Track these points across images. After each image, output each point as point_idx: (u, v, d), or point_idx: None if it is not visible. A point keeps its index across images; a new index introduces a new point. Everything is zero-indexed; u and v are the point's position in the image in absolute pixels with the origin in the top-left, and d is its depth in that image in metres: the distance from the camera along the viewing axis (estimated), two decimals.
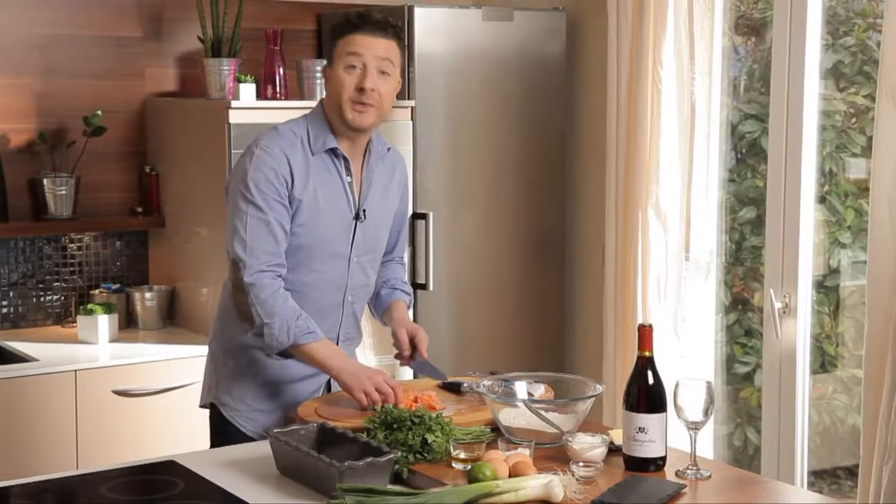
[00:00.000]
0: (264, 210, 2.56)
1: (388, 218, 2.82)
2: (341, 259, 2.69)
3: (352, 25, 2.62)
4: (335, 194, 2.66)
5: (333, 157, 2.67)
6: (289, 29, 4.22)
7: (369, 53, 2.60)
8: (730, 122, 4.02)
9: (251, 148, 2.63)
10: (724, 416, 4.08)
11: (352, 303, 2.75)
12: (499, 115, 4.13)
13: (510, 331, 4.20)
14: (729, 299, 4.06)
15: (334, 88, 2.63)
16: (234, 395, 2.73)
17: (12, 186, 3.81)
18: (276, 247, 2.58)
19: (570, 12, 4.29)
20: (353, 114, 2.61)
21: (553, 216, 4.29)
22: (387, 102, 2.65)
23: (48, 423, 3.38)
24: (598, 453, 2.24)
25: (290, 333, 2.55)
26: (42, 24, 3.87)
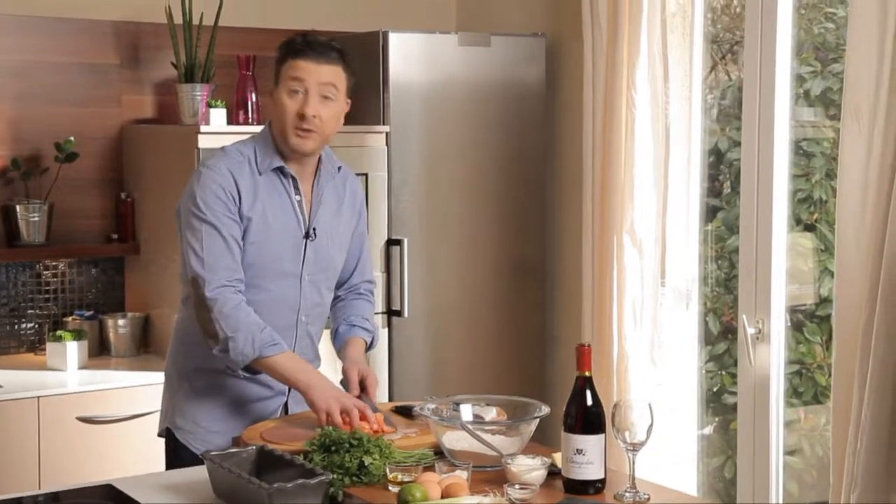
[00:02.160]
0: (217, 226, 2.57)
1: (342, 237, 2.80)
2: (293, 278, 2.68)
3: (296, 50, 2.64)
4: (284, 213, 2.66)
5: (281, 176, 2.67)
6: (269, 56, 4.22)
7: (311, 79, 2.60)
8: (718, 149, 3.98)
9: (198, 168, 2.66)
10: (713, 448, 4.01)
11: (306, 323, 2.73)
12: (476, 141, 4.11)
13: (489, 357, 4.16)
14: (718, 328, 4.00)
15: (278, 112, 2.64)
16: (188, 417, 2.71)
17: None
18: (233, 262, 2.58)
19: (549, 38, 4.28)
20: (296, 139, 2.62)
21: (533, 241, 4.26)
22: (328, 127, 2.65)
23: (11, 449, 3.37)
24: (537, 476, 2.20)
25: (254, 346, 2.53)
26: (18, 50, 3.89)
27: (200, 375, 2.70)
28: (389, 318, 3.95)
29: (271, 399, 2.73)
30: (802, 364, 3.71)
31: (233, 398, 2.70)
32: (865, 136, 2.99)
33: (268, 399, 2.72)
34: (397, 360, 3.97)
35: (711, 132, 3.95)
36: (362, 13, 4.40)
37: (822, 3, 3.71)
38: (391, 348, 3.96)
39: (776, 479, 3.49)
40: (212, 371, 2.68)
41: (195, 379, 2.71)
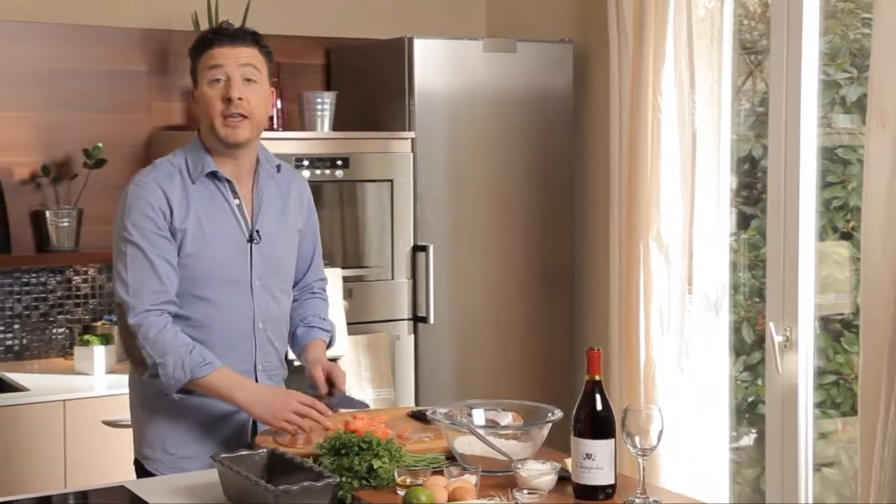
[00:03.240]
0: (144, 248, 2.49)
1: (289, 238, 2.71)
2: (242, 285, 2.58)
3: (209, 41, 2.56)
4: (222, 219, 2.57)
5: (216, 182, 2.58)
6: (299, 63, 4.26)
7: (230, 63, 2.53)
8: (752, 157, 3.93)
9: (127, 186, 2.57)
10: (749, 459, 3.96)
11: (264, 330, 2.63)
12: (502, 148, 4.10)
13: (516, 363, 4.14)
14: (752, 337, 3.95)
15: (203, 108, 2.56)
16: (155, 446, 2.61)
17: (15, 219, 3.85)
18: (160, 285, 2.49)
19: (577, 44, 4.26)
20: (226, 129, 2.53)
21: (560, 248, 4.24)
22: (259, 111, 2.56)
23: (38, 450, 3.39)
24: (547, 481, 2.18)
25: (185, 368, 2.45)
26: (49, 58, 3.93)
27: (162, 400, 2.57)
28: (415, 324, 3.94)
29: (238, 415, 2.60)
30: (840, 374, 3.64)
31: (199, 420, 2.58)
32: (891, 141, 2.94)
33: (234, 414, 2.59)
34: (423, 366, 3.97)
35: (745, 139, 3.90)
36: (390, 20, 4.41)
37: (858, 9, 3.66)
38: (417, 354, 3.96)
39: (805, 490, 3.43)
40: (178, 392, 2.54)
41: (156, 403, 2.59)
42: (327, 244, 3.83)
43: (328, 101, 3.94)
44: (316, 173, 3.75)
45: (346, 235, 3.92)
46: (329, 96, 3.95)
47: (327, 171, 3.77)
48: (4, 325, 3.90)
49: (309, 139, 3.80)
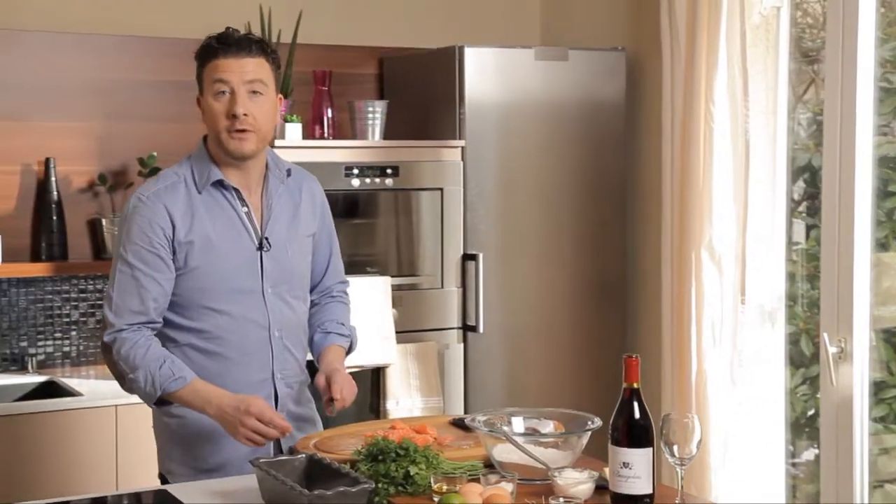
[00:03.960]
0: (134, 266, 2.48)
1: (302, 243, 2.66)
2: (254, 294, 2.56)
3: (213, 50, 2.51)
4: (230, 228, 2.55)
5: (223, 190, 2.55)
6: (351, 73, 4.29)
7: (235, 77, 2.48)
8: (812, 166, 3.87)
9: (130, 199, 2.57)
10: (810, 474, 3.89)
11: (280, 338, 2.59)
12: (554, 156, 4.08)
13: (567, 373, 4.11)
14: (811, 350, 3.87)
15: (209, 119, 2.53)
16: (178, 460, 2.60)
17: (73, 227, 3.92)
18: (141, 305, 2.48)
19: (630, 52, 4.23)
20: (233, 142, 2.49)
21: (613, 258, 4.21)
22: (265, 125, 2.52)
23: (91, 453, 3.44)
24: (583, 489, 2.15)
25: (155, 384, 2.44)
26: (106, 69, 3.99)
27: (186, 411, 2.55)
28: (465, 333, 3.94)
29: None
30: None
31: (221, 432, 2.52)
32: None
33: None
34: (473, 375, 3.96)
35: (805, 149, 3.84)
36: (444, 29, 4.42)
37: None
38: (466, 364, 3.95)
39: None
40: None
41: (181, 416, 2.58)
42: (376, 252, 3.87)
43: (379, 110, 3.96)
44: (366, 182, 3.77)
45: (396, 244, 3.93)
46: (380, 105, 3.97)
47: (377, 179, 3.78)
48: (62, 331, 3.97)
49: (359, 147, 3.82)
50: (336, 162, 3.72)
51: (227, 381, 2.54)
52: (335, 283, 2.82)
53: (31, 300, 3.92)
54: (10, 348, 3.90)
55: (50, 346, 3.95)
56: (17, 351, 3.91)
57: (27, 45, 3.88)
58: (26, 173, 3.90)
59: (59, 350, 3.96)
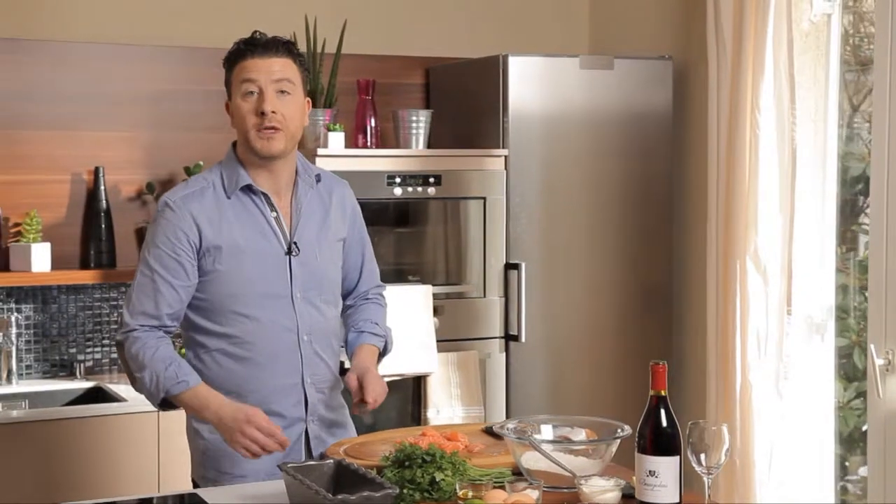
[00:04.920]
0: (154, 269, 2.50)
1: (332, 248, 2.66)
2: (282, 299, 2.55)
3: (241, 52, 2.54)
4: (258, 233, 2.55)
5: (252, 195, 2.56)
6: (396, 83, 4.30)
7: (263, 77, 2.50)
8: (867, 176, 3.80)
9: (159, 203, 2.60)
10: (864, 490, 3.81)
11: (309, 343, 2.59)
12: (598, 166, 4.05)
13: (611, 383, 4.07)
14: (864, 363, 3.80)
15: (237, 121, 2.55)
16: (210, 466, 2.61)
17: (121, 235, 3.97)
18: (155, 310, 2.49)
19: (677, 60, 4.20)
20: (261, 142, 2.50)
21: (658, 268, 4.17)
22: (292, 124, 2.53)
23: (133, 457, 3.49)
24: (610, 497, 2.13)
25: (159, 385, 2.45)
26: (155, 80, 4.05)
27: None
28: (507, 342, 3.92)
29: (289, 429, 2.57)
30: None
31: None
32: None
33: (286, 430, 2.54)
34: (515, 384, 3.94)
35: (860, 158, 3.78)
36: (491, 39, 4.42)
37: None
38: (508, 373, 3.93)
39: None
40: None
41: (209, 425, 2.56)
42: (419, 261, 3.87)
43: (423, 120, 3.96)
44: (408, 190, 3.77)
45: (439, 252, 3.93)
46: (424, 114, 3.98)
47: (420, 188, 3.79)
48: (109, 338, 4.02)
49: (402, 156, 3.83)
50: (378, 171, 3.73)
51: (258, 386, 2.56)
52: (370, 287, 2.81)
53: (80, 307, 3.98)
54: (59, 354, 3.96)
55: (98, 353, 4.01)
56: (66, 357, 3.97)
57: (77, 56, 3.95)
58: (76, 182, 3.96)
59: (106, 357, 4.02)
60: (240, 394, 2.55)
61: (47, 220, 3.89)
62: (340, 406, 2.73)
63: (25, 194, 3.88)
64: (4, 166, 3.85)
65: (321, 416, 2.64)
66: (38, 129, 3.91)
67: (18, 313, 3.88)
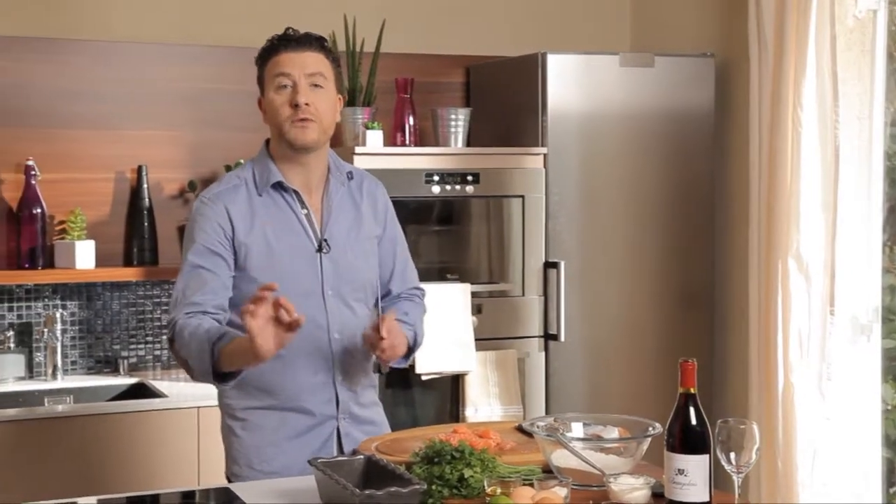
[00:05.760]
0: (194, 264, 2.51)
1: (364, 246, 2.65)
2: (313, 296, 2.55)
3: (274, 47, 2.56)
4: (289, 230, 2.56)
5: (283, 192, 2.58)
6: (436, 81, 4.30)
7: (296, 70, 2.52)
8: None
9: (194, 202, 2.63)
10: None
11: (340, 340, 2.58)
12: (638, 164, 4.03)
13: (651, 384, 4.04)
14: None
15: (271, 115, 2.56)
16: (242, 462, 2.61)
17: (164, 233, 4.01)
18: (200, 296, 2.47)
19: (719, 58, 4.16)
20: (295, 131, 2.51)
21: (700, 267, 4.13)
22: (326, 117, 2.54)
23: (174, 451, 3.52)
24: (638, 496, 2.11)
25: (207, 350, 2.37)
26: (198, 79, 4.09)
27: (249, 415, 2.60)
28: (546, 341, 3.90)
29: (321, 427, 2.60)
30: None
31: (282, 436, 2.58)
32: None
33: (317, 427, 2.59)
34: (554, 384, 3.92)
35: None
36: (533, 37, 4.41)
37: None
38: (548, 372, 3.91)
39: None
40: (259, 409, 2.59)
41: (244, 419, 2.61)
42: (457, 259, 3.87)
43: (462, 118, 3.96)
44: (446, 189, 3.77)
45: (477, 251, 3.93)
46: (463, 113, 3.97)
47: (458, 186, 3.79)
48: (153, 335, 4.06)
49: (439, 154, 3.82)
50: (417, 169, 3.74)
51: (288, 382, 2.56)
52: (405, 289, 2.78)
53: (124, 304, 4.02)
54: (103, 351, 4.01)
55: (141, 350, 4.05)
56: (110, 353, 4.02)
57: (120, 56, 4.00)
58: (120, 181, 4.01)
59: (150, 353, 4.06)
60: (271, 390, 2.57)
61: (91, 217, 3.95)
62: (374, 404, 2.73)
63: (70, 192, 3.93)
64: (50, 165, 3.90)
65: (353, 414, 2.64)
66: (83, 128, 3.96)
67: (63, 310, 3.94)
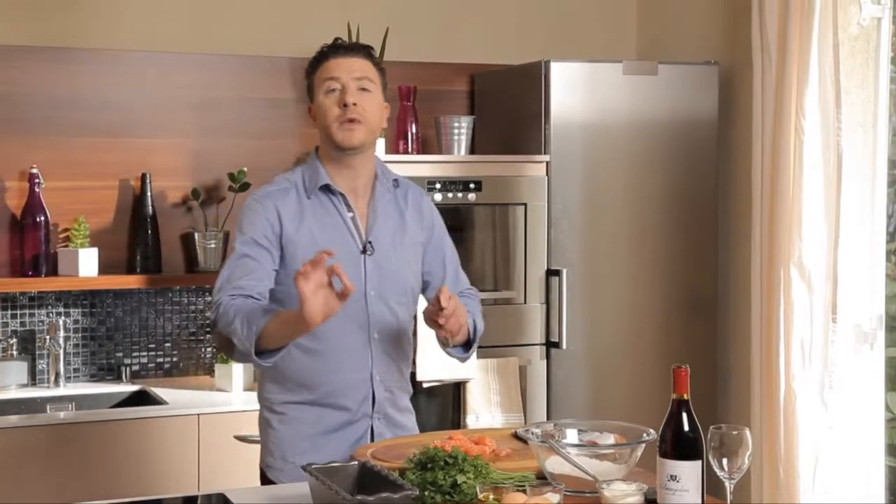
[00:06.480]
0: (240, 253, 2.58)
1: (407, 251, 2.72)
2: (356, 296, 2.56)
3: (324, 55, 2.67)
4: (335, 232, 2.64)
5: (330, 195, 2.66)
6: (440, 90, 4.31)
7: (345, 74, 2.62)
8: None
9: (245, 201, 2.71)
10: None
11: (379, 341, 2.66)
12: (641, 172, 4.02)
13: (654, 392, 4.01)
14: None
15: (320, 117, 2.65)
16: (277, 454, 2.69)
17: (167, 240, 4.03)
18: (243, 281, 2.53)
19: (723, 66, 4.15)
20: (342, 133, 2.60)
21: (703, 275, 4.12)
22: (373, 119, 2.64)
23: (173, 459, 3.53)
24: (632, 501, 2.10)
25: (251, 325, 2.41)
26: (203, 87, 4.10)
27: (287, 409, 2.67)
28: (548, 349, 3.90)
29: (355, 424, 2.67)
30: None
31: (317, 430, 2.66)
32: None
33: (352, 424, 2.66)
34: (555, 392, 3.92)
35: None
36: (538, 45, 4.42)
37: None
38: (549, 380, 3.91)
39: None
40: (297, 403, 2.66)
41: (282, 413, 2.68)
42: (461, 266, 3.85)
43: (465, 126, 3.96)
44: (448, 196, 3.77)
45: (479, 258, 3.92)
46: (466, 120, 3.98)
47: (460, 194, 3.79)
48: (156, 343, 4.07)
49: (442, 162, 3.83)
50: (419, 176, 3.73)
51: (327, 379, 2.64)
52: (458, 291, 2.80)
53: (127, 311, 4.04)
54: (106, 358, 4.02)
55: (144, 357, 4.06)
56: (112, 361, 4.03)
57: (125, 64, 4.02)
58: (124, 188, 4.02)
59: (152, 361, 4.07)
60: (310, 386, 2.65)
61: (95, 225, 3.96)
62: (409, 411, 2.80)
63: (74, 200, 3.95)
64: (54, 173, 3.92)
65: (387, 415, 2.71)
66: (87, 135, 3.98)
67: (66, 317, 3.95)
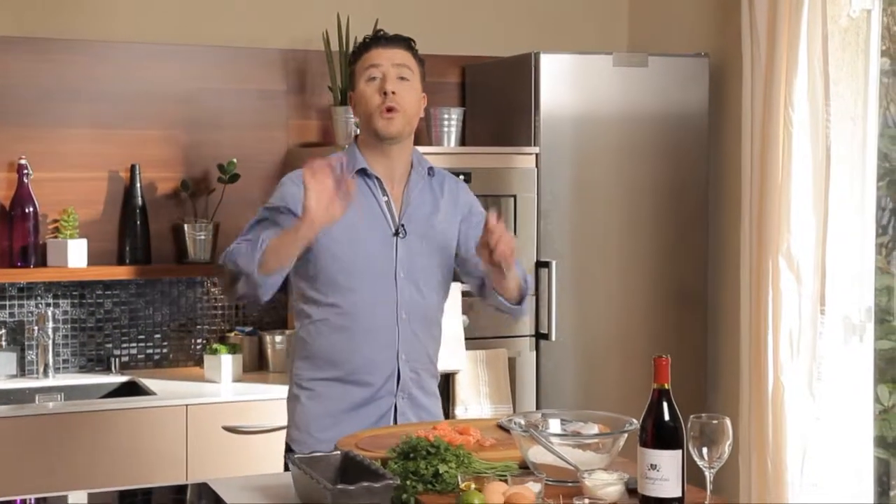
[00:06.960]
0: (262, 217, 2.71)
1: (440, 237, 2.81)
2: (386, 277, 2.73)
3: (366, 45, 2.79)
4: (370, 214, 2.74)
5: (366, 179, 2.76)
6: (431, 82, 4.29)
7: (386, 62, 2.73)
8: None
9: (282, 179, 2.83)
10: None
11: (407, 321, 2.74)
12: (631, 164, 4.02)
13: (642, 383, 3.94)
14: None
15: (361, 105, 2.75)
16: (302, 428, 2.79)
17: (157, 232, 4.02)
18: (257, 234, 2.63)
19: (713, 58, 4.15)
20: (382, 121, 2.70)
21: (692, 267, 4.12)
22: (411, 108, 2.74)
23: (162, 450, 3.53)
24: (611, 492, 2.11)
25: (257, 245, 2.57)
26: (192, 79, 4.10)
27: (315, 385, 2.77)
28: (537, 341, 3.90)
29: (379, 401, 2.76)
30: None
31: (342, 406, 2.75)
32: None
33: (375, 401, 2.75)
34: (544, 383, 3.92)
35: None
36: (529, 36, 4.41)
37: None
38: (539, 372, 3.91)
39: None
40: (325, 380, 2.76)
41: (310, 389, 2.78)
42: None
43: (455, 117, 3.96)
44: None
45: None
46: (456, 112, 3.97)
47: None
48: (146, 334, 4.07)
49: (431, 153, 3.81)
50: None
51: (355, 355, 2.73)
52: None
53: (116, 302, 4.03)
54: (95, 349, 4.02)
55: (133, 348, 4.06)
56: (101, 352, 4.02)
57: (115, 56, 4.01)
58: (113, 180, 4.02)
59: (141, 352, 4.07)
60: (337, 362, 2.74)
61: (84, 216, 3.96)
62: (434, 396, 2.86)
63: (63, 191, 3.95)
64: (43, 164, 3.91)
65: (412, 395, 2.78)
66: (76, 127, 3.98)
67: (55, 308, 3.95)
